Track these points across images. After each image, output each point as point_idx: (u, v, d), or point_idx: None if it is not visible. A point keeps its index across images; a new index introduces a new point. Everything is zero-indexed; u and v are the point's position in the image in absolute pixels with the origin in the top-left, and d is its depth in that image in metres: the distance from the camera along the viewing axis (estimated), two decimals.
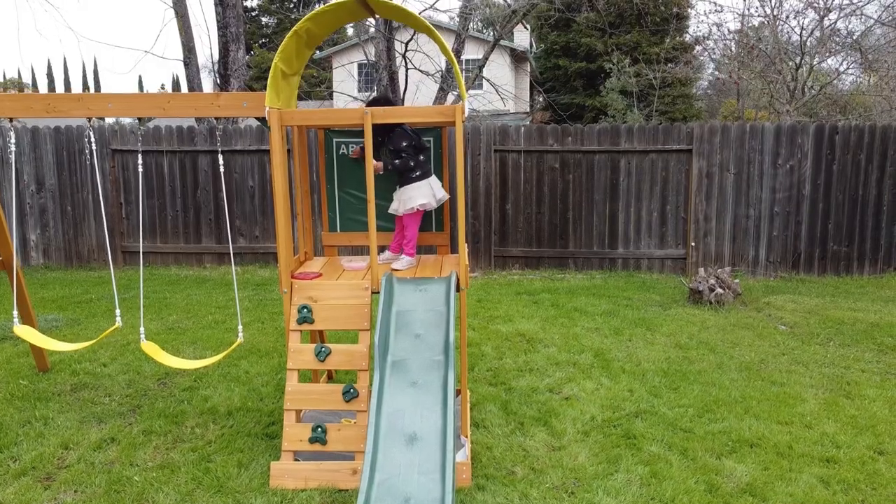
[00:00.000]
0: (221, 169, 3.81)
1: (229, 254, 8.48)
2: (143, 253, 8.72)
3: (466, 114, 3.39)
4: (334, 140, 4.05)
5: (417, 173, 3.73)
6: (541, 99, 42.95)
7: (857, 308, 6.40)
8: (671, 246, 8.13)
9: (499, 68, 24.00)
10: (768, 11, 23.69)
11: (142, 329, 3.85)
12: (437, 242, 4.19)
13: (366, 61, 24.11)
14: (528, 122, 28.83)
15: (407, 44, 10.55)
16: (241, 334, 3.89)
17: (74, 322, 6.08)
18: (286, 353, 3.52)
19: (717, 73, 31.66)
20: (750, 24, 25.64)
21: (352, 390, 3.38)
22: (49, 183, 8.49)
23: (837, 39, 22.59)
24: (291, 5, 54.72)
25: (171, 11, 12.07)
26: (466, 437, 3.51)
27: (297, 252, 4.04)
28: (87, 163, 8.30)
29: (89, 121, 3.93)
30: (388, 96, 8.33)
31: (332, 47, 27.41)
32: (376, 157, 3.64)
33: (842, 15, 21.54)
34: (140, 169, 3.91)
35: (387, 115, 3.45)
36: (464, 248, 3.58)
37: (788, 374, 4.70)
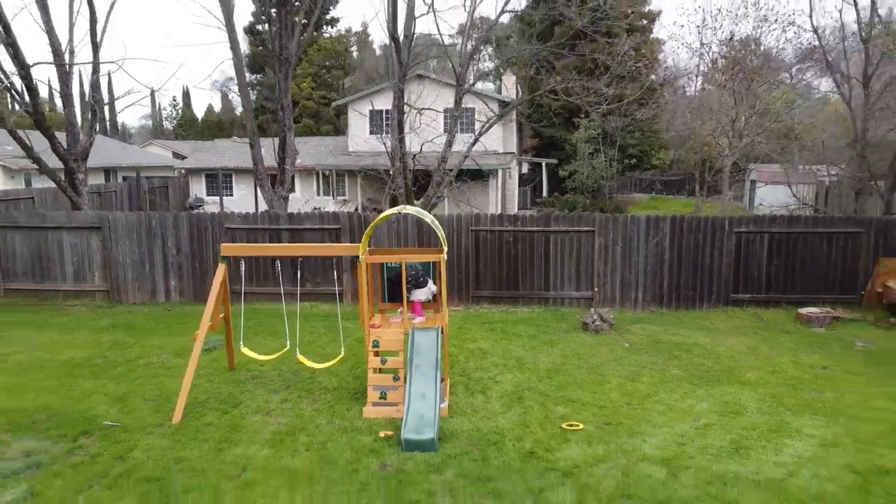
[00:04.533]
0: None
1: (306, 293, 12.81)
2: (246, 293, 13.05)
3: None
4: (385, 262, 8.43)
5: (423, 285, 8.11)
6: (530, 127, 47.16)
7: (677, 334, 10.77)
8: (584, 290, 12.49)
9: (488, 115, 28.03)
10: (707, 71, 28.27)
11: (297, 349, 8.22)
12: (433, 307, 8.54)
13: (379, 109, 28.23)
14: (514, 164, 33.06)
15: (414, 155, 14.89)
16: (342, 350, 8.26)
17: (224, 343, 10.40)
18: (365, 361, 7.87)
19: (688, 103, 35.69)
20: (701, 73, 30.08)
21: (395, 377, 7.73)
22: (184, 249, 12.86)
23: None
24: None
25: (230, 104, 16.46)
26: (447, 397, 7.86)
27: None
28: (212, 238, 12.70)
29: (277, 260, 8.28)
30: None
31: (349, 97, 31.80)
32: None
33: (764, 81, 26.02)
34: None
35: (411, 258, 7.85)
36: (446, 311, 7.93)
37: (611, 369, 9.05)
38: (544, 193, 36.17)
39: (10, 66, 12.98)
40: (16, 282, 13.22)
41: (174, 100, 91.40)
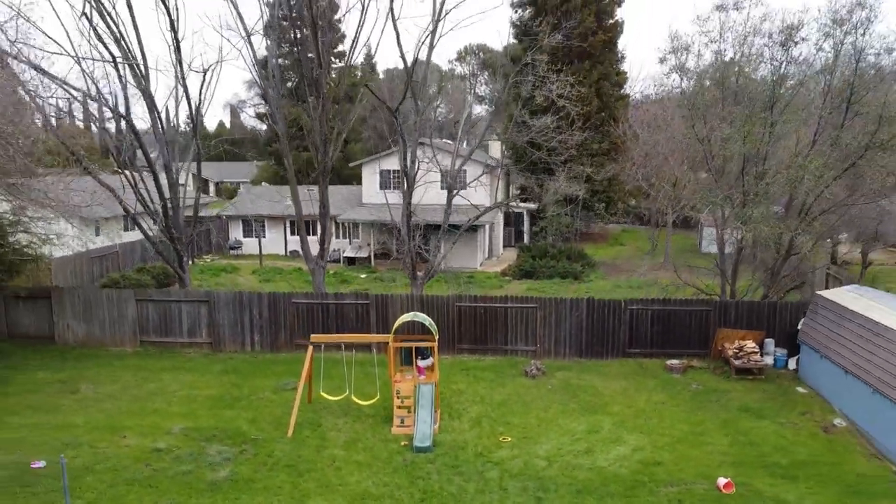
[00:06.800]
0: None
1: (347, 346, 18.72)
2: (309, 343, 18.92)
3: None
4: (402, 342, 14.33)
5: (427, 355, 14.03)
6: (511, 163, 52.64)
7: (583, 379, 16.63)
8: (530, 345, 18.38)
9: (477, 173, 33.78)
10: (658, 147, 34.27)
11: (352, 393, 14.11)
12: (431, 369, 14.44)
13: (387, 169, 34.11)
14: (499, 215, 38.87)
15: (418, 236, 20.80)
16: (378, 395, 14.18)
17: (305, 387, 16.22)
18: (391, 401, 13.79)
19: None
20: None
21: (409, 410, 13.63)
22: (265, 314, 18.74)
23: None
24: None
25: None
26: (438, 422, 13.74)
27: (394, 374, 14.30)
28: (283, 306, 18.60)
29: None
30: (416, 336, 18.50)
31: (362, 160, 37.82)
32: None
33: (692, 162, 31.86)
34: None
35: (417, 343, 13.80)
36: (437, 373, 13.84)
37: (536, 404, 14.89)
38: (525, 238, 42.20)
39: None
40: (148, 336, 19.12)
41: (187, 116, 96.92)
